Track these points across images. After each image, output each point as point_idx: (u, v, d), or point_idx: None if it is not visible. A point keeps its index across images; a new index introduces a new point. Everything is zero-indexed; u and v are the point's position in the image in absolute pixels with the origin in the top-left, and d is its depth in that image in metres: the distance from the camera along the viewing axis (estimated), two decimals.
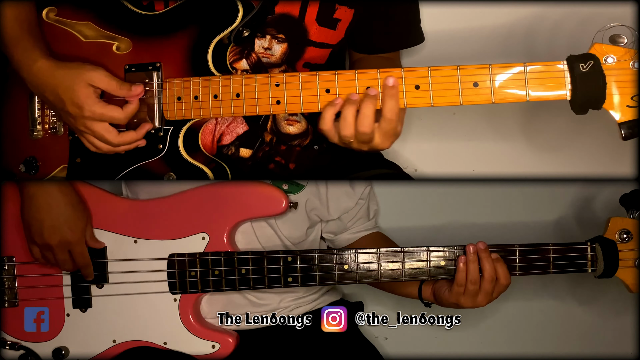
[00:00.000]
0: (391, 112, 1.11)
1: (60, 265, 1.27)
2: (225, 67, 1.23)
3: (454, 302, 1.25)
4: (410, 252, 1.25)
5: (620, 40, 1.06)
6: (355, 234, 1.43)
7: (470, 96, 1.11)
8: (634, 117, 1.06)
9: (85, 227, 1.27)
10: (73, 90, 1.16)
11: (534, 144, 1.58)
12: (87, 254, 1.27)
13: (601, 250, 1.24)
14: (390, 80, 1.11)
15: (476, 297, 1.23)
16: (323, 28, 1.30)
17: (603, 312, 1.68)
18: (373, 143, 1.14)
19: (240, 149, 1.33)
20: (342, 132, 1.12)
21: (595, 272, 1.26)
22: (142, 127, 1.22)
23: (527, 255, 1.24)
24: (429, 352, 1.69)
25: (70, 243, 1.25)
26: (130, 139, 1.21)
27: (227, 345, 1.29)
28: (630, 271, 1.24)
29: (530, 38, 1.45)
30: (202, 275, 1.26)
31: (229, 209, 1.27)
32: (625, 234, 1.23)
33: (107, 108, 1.17)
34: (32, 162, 1.30)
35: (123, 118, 1.19)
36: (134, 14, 1.26)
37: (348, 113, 1.12)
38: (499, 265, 1.22)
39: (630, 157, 1.39)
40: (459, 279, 1.22)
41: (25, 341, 1.30)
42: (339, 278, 1.26)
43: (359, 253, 1.26)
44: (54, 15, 1.29)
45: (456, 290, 1.23)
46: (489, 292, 1.23)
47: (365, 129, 1.11)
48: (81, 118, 1.17)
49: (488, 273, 1.21)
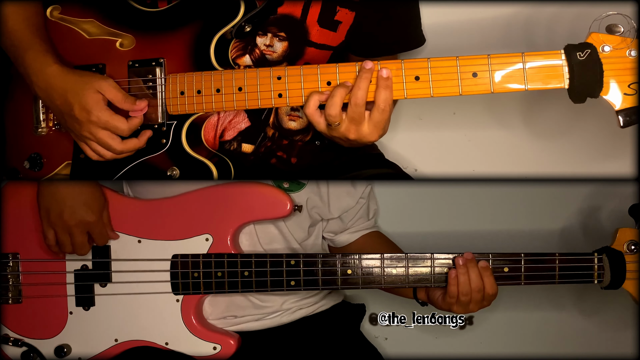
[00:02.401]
0: (385, 102, 1.13)
1: (76, 248, 1.26)
2: (227, 63, 1.24)
3: (447, 309, 1.26)
4: (414, 258, 1.25)
5: (616, 29, 1.07)
6: (354, 233, 1.43)
7: (470, 86, 1.12)
8: (631, 104, 1.08)
9: (103, 210, 1.27)
10: (82, 95, 1.18)
11: (535, 136, 1.59)
12: (107, 234, 1.27)
13: (608, 261, 1.23)
14: (385, 71, 1.13)
15: (468, 306, 1.23)
16: (324, 30, 1.32)
17: (605, 321, 1.68)
18: (362, 131, 1.15)
19: (243, 144, 1.34)
20: (328, 110, 1.13)
21: (602, 283, 1.24)
22: (144, 134, 1.24)
23: (533, 264, 1.23)
24: (429, 352, 1.68)
25: (89, 223, 1.25)
26: (133, 146, 1.22)
27: (229, 347, 1.28)
28: (637, 283, 1.22)
29: (529, 29, 1.46)
30: (204, 277, 1.26)
31: (233, 211, 1.28)
32: (633, 245, 1.22)
33: (113, 117, 1.19)
34: (36, 158, 1.31)
35: (126, 130, 1.20)
36: (137, 11, 1.27)
37: (337, 92, 1.13)
38: (486, 275, 1.22)
39: (629, 144, 1.40)
40: (451, 292, 1.22)
41: (28, 338, 1.30)
42: (342, 283, 1.25)
43: (362, 258, 1.25)
44: (58, 13, 1.31)
45: (448, 301, 1.24)
46: (478, 301, 1.23)
47: (358, 100, 1.12)
48: (87, 123, 1.19)
49: (475, 283, 1.21)
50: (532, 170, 1.58)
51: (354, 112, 1.14)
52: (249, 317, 1.34)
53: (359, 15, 1.32)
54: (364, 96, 1.13)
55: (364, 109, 1.14)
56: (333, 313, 1.43)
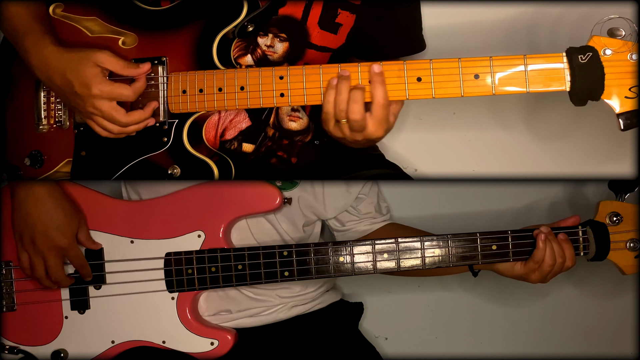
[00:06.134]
0: (384, 97, 1.13)
1: (51, 273, 1.26)
2: (230, 62, 1.25)
3: (522, 275, 1.26)
4: (405, 242, 1.26)
5: (618, 32, 1.08)
6: (370, 225, 1.44)
7: (472, 88, 1.12)
8: (632, 108, 1.08)
9: (78, 231, 1.27)
10: (80, 71, 1.17)
11: (535, 138, 1.59)
12: (82, 256, 1.27)
13: (592, 233, 1.26)
14: (376, 67, 1.13)
15: (547, 276, 1.25)
16: (324, 32, 1.32)
17: (600, 295, 1.69)
18: (367, 130, 1.15)
19: (243, 143, 1.34)
20: (338, 107, 1.14)
21: (587, 255, 1.27)
22: (149, 105, 1.23)
23: (520, 240, 1.25)
24: (429, 352, 1.68)
25: (62, 248, 1.25)
26: (138, 117, 1.21)
27: (226, 342, 1.28)
28: (622, 253, 1.26)
29: (531, 31, 1.46)
30: (199, 273, 1.27)
31: (224, 206, 1.28)
32: (615, 216, 1.25)
33: (114, 85, 1.18)
34: (37, 155, 1.31)
35: (132, 94, 1.20)
36: (140, 9, 1.28)
37: (342, 88, 1.14)
38: (567, 248, 1.24)
39: (629, 147, 1.41)
40: (537, 257, 1.23)
41: (23, 345, 1.30)
42: (334, 271, 1.26)
43: (354, 245, 1.26)
44: (61, 11, 1.31)
45: (531, 267, 1.24)
46: (557, 272, 1.25)
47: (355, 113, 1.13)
48: (89, 98, 1.18)
49: (559, 255, 1.23)
50: (533, 171, 1.59)
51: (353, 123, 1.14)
52: (245, 313, 1.34)
53: (360, 18, 1.32)
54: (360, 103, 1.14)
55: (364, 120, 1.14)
56: (330, 311, 1.43)
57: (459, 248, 1.26)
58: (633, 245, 1.25)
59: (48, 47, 1.20)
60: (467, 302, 1.69)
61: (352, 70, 1.15)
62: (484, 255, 1.26)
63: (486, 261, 1.27)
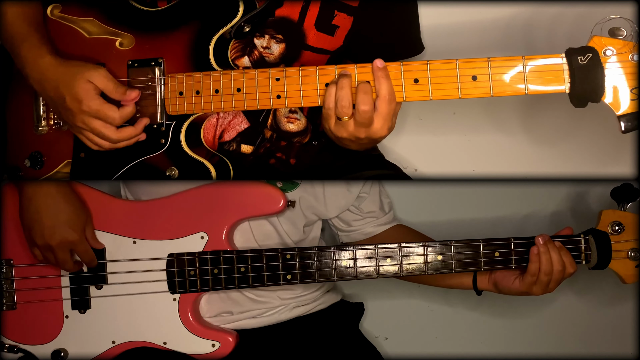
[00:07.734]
0: (389, 92, 1.13)
1: (60, 265, 1.27)
2: (227, 63, 1.24)
3: (525, 291, 1.26)
4: (408, 247, 1.26)
5: (619, 33, 1.07)
6: (377, 227, 1.43)
7: (469, 89, 1.11)
8: (633, 109, 1.07)
9: (86, 226, 1.27)
10: (73, 86, 1.17)
11: (535, 140, 1.58)
12: (91, 251, 1.27)
13: (594, 242, 1.26)
14: (379, 62, 1.13)
15: (547, 286, 1.24)
16: (321, 34, 1.31)
17: (601, 303, 1.69)
18: (373, 127, 1.14)
19: (242, 145, 1.34)
20: (340, 102, 1.13)
21: (589, 264, 1.27)
22: (140, 122, 1.23)
23: (523, 247, 1.25)
24: (429, 352, 1.68)
25: (71, 242, 1.25)
26: (128, 134, 1.22)
27: (227, 344, 1.28)
28: (623, 262, 1.25)
29: (530, 32, 1.45)
30: (201, 274, 1.27)
31: (228, 208, 1.28)
32: (617, 225, 1.25)
33: (104, 105, 1.18)
34: (37, 157, 1.31)
35: (117, 118, 1.19)
36: (137, 10, 1.27)
37: (344, 83, 1.13)
38: (564, 254, 1.24)
39: (629, 150, 1.39)
40: (532, 270, 1.23)
41: (23, 344, 1.30)
42: (337, 275, 1.26)
43: (357, 249, 1.26)
44: (59, 12, 1.31)
45: (529, 281, 1.24)
46: (558, 280, 1.24)
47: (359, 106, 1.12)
48: (80, 113, 1.18)
49: (557, 263, 1.22)
50: (533, 172, 1.58)
51: (361, 117, 1.13)
52: (246, 314, 1.34)
53: (358, 20, 1.32)
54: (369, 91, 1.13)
55: (371, 112, 1.13)
56: (331, 312, 1.43)
57: (462, 254, 1.25)
58: (634, 255, 1.25)
59: (44, 58, 1.20)
60: (467, 303, 1.68)
61: (350, 72, 1.15)
62: (486, 262, 1.25)
63: (488, 268, 1.26)
